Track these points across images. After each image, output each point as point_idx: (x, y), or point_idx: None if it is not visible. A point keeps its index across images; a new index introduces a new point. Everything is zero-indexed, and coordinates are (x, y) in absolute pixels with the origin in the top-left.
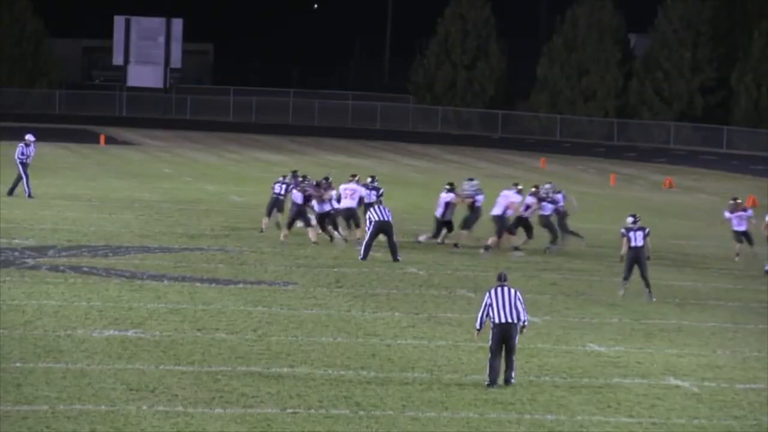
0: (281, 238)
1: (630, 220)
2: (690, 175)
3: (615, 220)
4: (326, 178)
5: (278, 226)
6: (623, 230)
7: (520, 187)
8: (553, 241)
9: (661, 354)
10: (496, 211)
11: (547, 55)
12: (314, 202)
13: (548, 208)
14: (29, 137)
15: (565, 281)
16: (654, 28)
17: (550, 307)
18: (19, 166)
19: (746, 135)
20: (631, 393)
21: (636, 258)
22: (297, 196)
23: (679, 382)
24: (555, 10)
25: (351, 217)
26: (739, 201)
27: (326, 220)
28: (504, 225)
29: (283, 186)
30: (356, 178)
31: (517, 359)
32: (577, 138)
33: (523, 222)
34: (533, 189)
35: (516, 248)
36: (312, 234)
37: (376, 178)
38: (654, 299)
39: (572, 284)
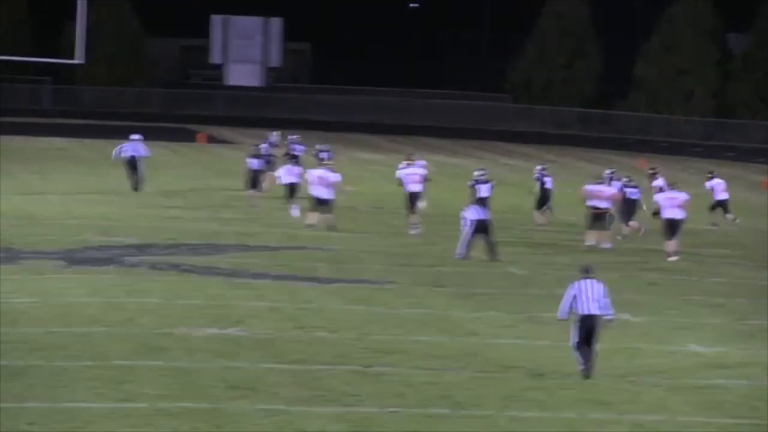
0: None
1: (477, 173)
2: None
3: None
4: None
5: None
6: (470, 182)
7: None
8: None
9: (762, 355)
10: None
11: (644, 55)
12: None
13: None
14: (134, 136)
15: (665, 281)
16: (753, 27)
17: (651, 307)
18: (133, 162)
19: None
20: (733, 394)
21: (483, 206)
22: (253, 162)
23: None
24: (652, 9)
25: (416, 199)
26: None
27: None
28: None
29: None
30: (412, 156)
31: (597, 353)
32: (674, 137)
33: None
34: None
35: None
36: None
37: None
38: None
39: (672, 284)
